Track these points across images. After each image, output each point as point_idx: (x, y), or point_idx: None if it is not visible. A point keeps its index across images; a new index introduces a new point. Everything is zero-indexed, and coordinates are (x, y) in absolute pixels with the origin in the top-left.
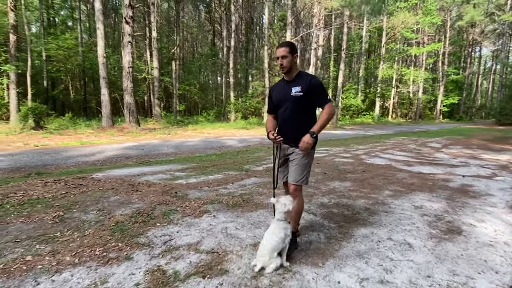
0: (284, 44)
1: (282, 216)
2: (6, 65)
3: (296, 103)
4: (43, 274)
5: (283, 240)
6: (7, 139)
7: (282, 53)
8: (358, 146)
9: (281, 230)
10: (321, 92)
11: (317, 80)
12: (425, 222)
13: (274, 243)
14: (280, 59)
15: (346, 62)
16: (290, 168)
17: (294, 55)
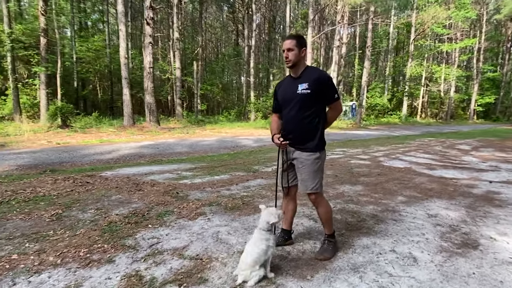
0: (291, 36)
1: (265, 226)
2: (37, 67)
3: (303, 101)
4: (22, 274)
5: (265, 252)
6: (34, 137)
7: (288, 46)
8: (379, 148)
9: (262, 241)
10: (329, 88)
11: (326, 75)
12: (437, 233)
13: (255, 256)
14: (286, 52)
15: (372, 60)
16: (301, 176)
17: (302, 49)
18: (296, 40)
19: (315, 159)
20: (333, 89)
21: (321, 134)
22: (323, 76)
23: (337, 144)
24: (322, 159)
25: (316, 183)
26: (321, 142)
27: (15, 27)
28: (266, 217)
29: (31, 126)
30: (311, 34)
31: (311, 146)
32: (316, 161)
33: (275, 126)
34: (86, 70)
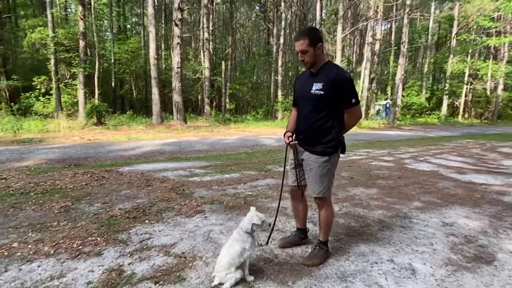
0: (302, 35)
1: (246, 227)
2: (75, 68)
3: (316, 102)
4: (16, 262)
5: (240, 254)
6: (69, 134)
7: (301, 48)
8: (408, 149)
9: (239, 243)
10: (346, 92)
11: (343, 76)
12: (447, 244)
13: (229, 258)
14: (300, 55)
15: (409, 56)
16: (308, 178)
17: (318, 46)
18: (308, 39)
19: (323, 162)
20: (350, 92)
21: (333, 138)
22: (341, 77)
23: (363, 145)
24: (332, 163)
25: (323, 188)
26: (333, 146)
27: (58, 31)
28: (249, 218)
29: (69, 123)
30: (341, 31)
31: (320, 149)
32: (324, 165)
33: (292, 122)
34: (123, 71)
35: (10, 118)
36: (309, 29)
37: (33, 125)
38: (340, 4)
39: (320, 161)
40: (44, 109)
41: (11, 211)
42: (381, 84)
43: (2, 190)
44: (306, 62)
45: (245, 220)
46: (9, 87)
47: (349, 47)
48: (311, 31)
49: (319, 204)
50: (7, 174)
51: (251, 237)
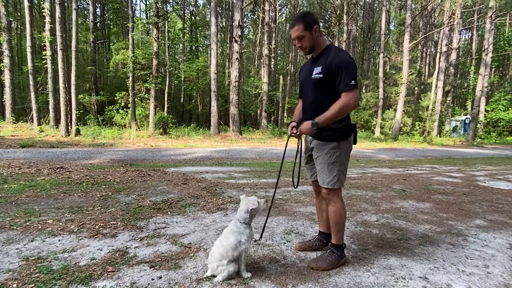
0: (296, 21)
1: (243, 216)
2: (147, 83)
3: (317, 87)
4: (43, 235)
5: (234, 247)
6: (137, 140)
7: (297, 33)
8: (485, 167)
9: (234, 234)
10: (343, 73)
11: (342, 57)
12: (509, 269)
13: (221, 249)
14: (297, 41)
15: (495, 66)
16: (317, 167)
17: (313, 29)
18: (302, 24)
19: (331, 149)
20: (348, 74)
21: (341, 123)
22: (339, 57)
23: (429, 161)
24: (342, 150)
25: (332, 178)
26: (342, 131)
27: (136, 52)
28: (244, 206)
29: (140, 132)
30: (408, 40)
31: (327, 135)
32: (333, 152)
33: (297, 113)
34: (191, 87)
35: (95, 127)
36: (302, 13)
37: (109, 133)
38: (407, 12)
39: (328, 147)
40: (122, 120)
41: (61, 195)
42: (461, 99)
43: (63, 180)
44: (304, 47)
45: (240, 209)
46: (97, 102)
47: (420, 59)
48: (305, 15)
49: (327, 198)
50: (72, 168)
51: (249, 229)
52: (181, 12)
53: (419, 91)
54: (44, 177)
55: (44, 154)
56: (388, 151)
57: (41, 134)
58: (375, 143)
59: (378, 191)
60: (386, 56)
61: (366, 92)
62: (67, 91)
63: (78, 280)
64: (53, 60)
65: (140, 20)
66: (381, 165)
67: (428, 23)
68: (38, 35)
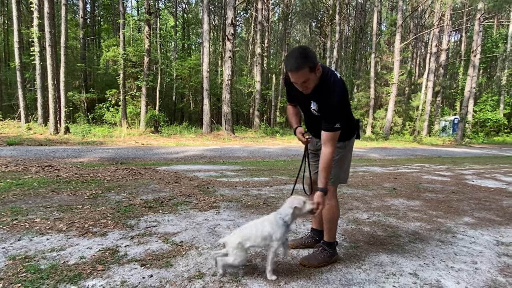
0: (299, 66)
1: (285, 212)
2: (139, 81)
3: (317, 120)
4: (30, 233)
5: (265, 236)
6: (128, 139)
7: (303, 79)
8: (473, 166)
9: (270, 224)
10: (329, 114)
11: (335, 100)
12: (496, 265)
13: (246, 233)
14: (302, 85)
15: (483, 68)
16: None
17: (317, 67)
18: (308, 67)
19: (338, 148)
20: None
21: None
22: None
23: (419, 160)
24: (348, 149)
25: (333, 175)
26: (348, 131)
27: (127, 49)
28: (290, 201)
29: (131, 130)
30: (399, 41)
31: None
32: (339, 151)
33: (295, 119)
34: (183, 86)
35: (85, 125)
36: (304, 54)
37: (99, 131)
38: (398, 13)
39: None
40: (112, 118)
41: (50, 194)
42: (450, 99)
43: (51, 178)
44: (309, 88)
45: (285, 206)
46: (87, 99)
47: (411, 59)
48: (307, 56)
49: None
50: (61, 167)
51: (285, 228)
52: (173, 9)
53: (409, 91)
54: (32, 175)
55: (32, 152)
56: (379, 150)
57: (29, 132)
58: (366, 142)
59: (369, 189)
60: (377, 56)
61: (357, 92)
62: (56, 88)
63: (67, 279)
64: (41, 56)
65: (132, 17)
66: (372, 164)
67: (419, 24)
68: (26, 30)
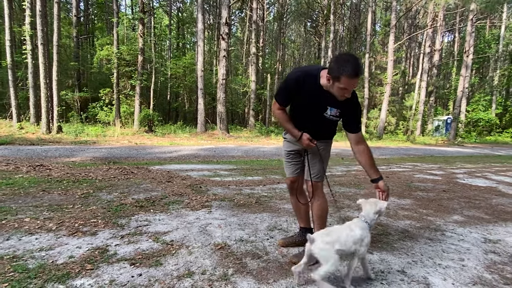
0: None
1: (371, 217)
2: (133, 80)
3: (329, 125)
4: (20, 233)
5: (355, 241)
6: (121, 138)
7: (356, 85)
8: (465, 165)
9: (360, 230)
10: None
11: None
12: (482, 262)
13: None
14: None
15: (475, 68)
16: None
17: None
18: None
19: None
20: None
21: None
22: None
23: (411, 159)
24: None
25: (324, 171)
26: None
27: (121, 48)
28: (374, 206)
29: (125, 130)
30: (393, 41)
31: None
32: (328, 148)
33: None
34: (178, 85)
35: (78, 125)
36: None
37: (92, 130)
38: (392, 14)
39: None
40: (106, 117)
41: (40, 193)
42: (443, 99)
43: (42, 177)
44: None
45: (369, 209)
46: (80, 98)
47: (405, 59)
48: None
49: (316, 193)
50: (53, 166)
51: (370, 234)
52: (168, 8)
53: (403, 91)
54: (23, 174)
55: (24, 151)
56: (373, 150)
57: (21, 131)
58: None
59: (361, 188)
60: (371, 56)
61: None
62: (48, 87)
63: (55, 278)
64: (33, 54)
65: (126, 15)
66: None
67: (413, 24)
68: (17, 28)
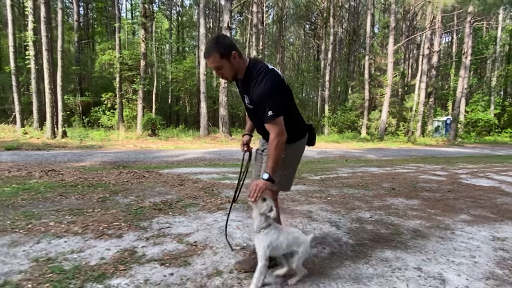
0: (209, 51)
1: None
2: (135, 84)
3: (253, 114)
4: (48, 236)
5: None
6: (126, 142)
7: (214, 64)
8: (467, 165)
9: None
10: (263, 104)
11: (262, 88)
12: (493, 258)
13: None
14: (217, 72)
15: (474, 69)
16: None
17: (232, 55)
18: (218, 53)
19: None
20: (269, 104)
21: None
22: (259, 90)
23: (414, 160)
24: (289, 153)
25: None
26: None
27: (123, 52)
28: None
29: (128, 134)
30: (392, 43)
31: None
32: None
33: (248, 124)
34: (179, 89)
35: (81, 129)
36: (215, 40)
37: (96, 135)
38: (391, 16)
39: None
40: (109, 121)
41: (58, 198)
42: (442, 100)
43: (56, 182)
44: (226, 77)
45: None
46: (82, 103)
47: (403, 61)
48: (218, 42)
49: None
50: (64, 171)
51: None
52: (168, 12)
53: (403, 93)
54: (37, 180)
55: (32, 156)
56: (375, 151)
57: (25, 136)
58: (362, 143)
59: (369, 189)
60: (371, 58)
61: (352, 93)
62: (53, 92)
63: (92, 278)
64: (36, 60)
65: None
66: (370, 165)
67: (411, 26)
68: (20, 34)
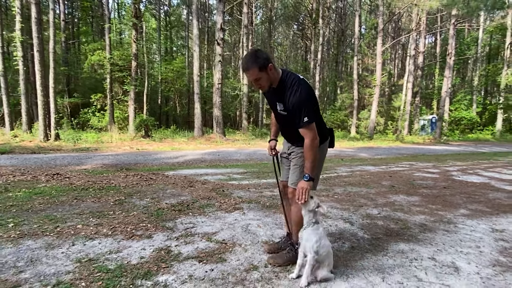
0: (248, 65)
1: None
2: (127, 85)
3: (285, 120)
4: (80, 239)
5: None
6: (120, 144)
7: (253, 77)
8: (456, 163)
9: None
10: (298, 111)
11: (298, 97)
12: (496, 248)
13: None
14: (255, 83)
15: (457, 69)
16: (291, 169)
17: (268, 68)
18: (256, 67)
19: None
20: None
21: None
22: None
23: (405, 158)
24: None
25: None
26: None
27: (114, 53)
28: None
29: (120, 135)
30: (380, 45)
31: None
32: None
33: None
34: (168, 89)
35: (70, 131)
36: (254, 55)
37: (89, 137)
38: (379, 18)
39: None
40: (99, 123)
41: (75, 202)
42: (427, 99)
43: (66, 186)
44: (263, 87)
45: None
46: (70, 104)
47: (390, 61)
48: (256, 56)
49: (291, 198)
50: (70, 174)
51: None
52: (155, 11)
53: (389, 92)
54: (44, 184)
55: (31, 160)
56: (366, 150)
57: (15, 139)
58: (353, 142)
59: (370, 187)
60: (359, 59)
61: (341, 93)
62: (45, 94)
63: (140, 276)
64: (24, 61)
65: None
66: (365, 163)
67: (397, 27)
68: (8, 35)
